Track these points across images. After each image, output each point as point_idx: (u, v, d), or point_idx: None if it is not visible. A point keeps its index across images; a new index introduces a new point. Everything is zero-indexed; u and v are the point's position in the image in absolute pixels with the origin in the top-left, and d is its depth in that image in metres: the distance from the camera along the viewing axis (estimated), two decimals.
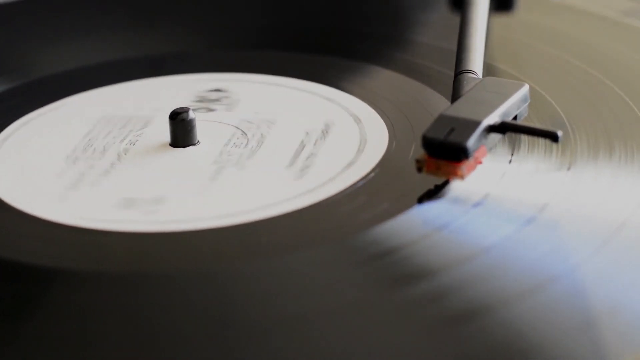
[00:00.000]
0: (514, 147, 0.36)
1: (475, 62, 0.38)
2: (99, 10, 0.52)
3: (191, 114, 0.38)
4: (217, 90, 0.43)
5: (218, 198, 0.34)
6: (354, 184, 0.35)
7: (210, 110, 0.41)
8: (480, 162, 0.33)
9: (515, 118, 0.35)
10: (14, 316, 0.29)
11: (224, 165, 0.37)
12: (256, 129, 0.39)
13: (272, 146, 0.38)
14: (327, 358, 0.27)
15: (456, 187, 0.34)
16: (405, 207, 0.33)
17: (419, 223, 0.32)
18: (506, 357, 0.27)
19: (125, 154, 0.38)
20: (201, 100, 0.42)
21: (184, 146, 0.38)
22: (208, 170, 0.36)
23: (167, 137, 0.38)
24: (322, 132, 0.39)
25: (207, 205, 0.34)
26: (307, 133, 0.39)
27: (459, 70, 0.38)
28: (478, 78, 0.37)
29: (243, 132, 0.39)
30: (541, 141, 0.36)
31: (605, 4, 0.48)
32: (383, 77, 0.43)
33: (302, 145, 0.38)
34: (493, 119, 0.34)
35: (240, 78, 0.44)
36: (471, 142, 0.33)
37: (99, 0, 0.53)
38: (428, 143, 0.33)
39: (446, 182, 0.34)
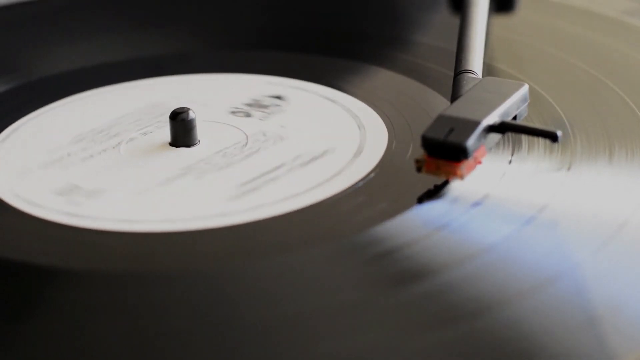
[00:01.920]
0: (513, 147, 0.36)
1: (475, 62, 0.38)
2: (98, 11, 0.52)
3: (191, 114, 0.38)
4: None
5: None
6: (354, 184, 0.35)
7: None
8: (480, 162, 0.33)
9: (515, 118, 0.35)
10: (12, 315, 0.29)
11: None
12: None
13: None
14: (326, 358, 0.27)
15: (456, 187, 0.34)
16: (405, 207, 0.33)
17: (419, 223, 0.32)
18: (506, 356, 0.27)
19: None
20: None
21: (184, 146, 0.38)
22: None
23: (167, 137, 0.38)
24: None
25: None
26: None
27: (459, 70, 0.38)
28: (477, 78, 0.37)
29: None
30: (541, 141, 0.36)
31: (605, 4, 0.48)
32: (383, 78, 0.43)
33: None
34: (492, 119, 0.34)
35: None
36: (471, 142, 0.33)
37: (99, 1, 0.53)
38: (427, 143, 0.33)
39: (446, 182, 0.34)
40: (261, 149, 0.38)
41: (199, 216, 0.33)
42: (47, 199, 0.35)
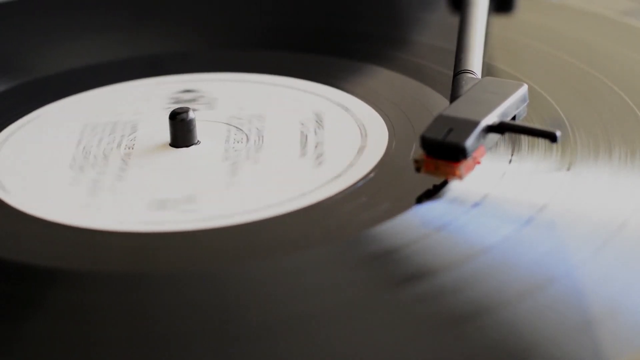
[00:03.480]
0: (513, 147, 0.36)
1: (474, 62, 0.38)
2: (97, 10, 0.52)
3: (191, 114, 0.38)
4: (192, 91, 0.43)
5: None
6: (354, 184, 0.35)
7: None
8: (479, 162, 0.33)
9: (514, 118, 0.35)
10: (13, 316, 0.29)
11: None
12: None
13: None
14: (326, 358, 0.27)
15: (456, 187, 0.34)
16: (404, 207, 0.33)
17: (418, 223, 0.32)
18: (505, 357, 0.27)
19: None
20: (177, 101, 0.42)
21: (185, 146, 0.38)
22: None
23: (164, 137, 0.38)
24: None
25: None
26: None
27: (458, 70, 0.38)
28: (477, 78, 0.37)
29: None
30: (541, 141, 0.36)
31: (604, 4, 0.48)
32: (383, 77, 0.43)
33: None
34: (492, 119, 0.34)
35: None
36: (469, 143, 0.33)
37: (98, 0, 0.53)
38: (426, 143, 0.33)
39: (445, 182, 0.34)
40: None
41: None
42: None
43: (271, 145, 0.38)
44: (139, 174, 0.36)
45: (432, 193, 0.34)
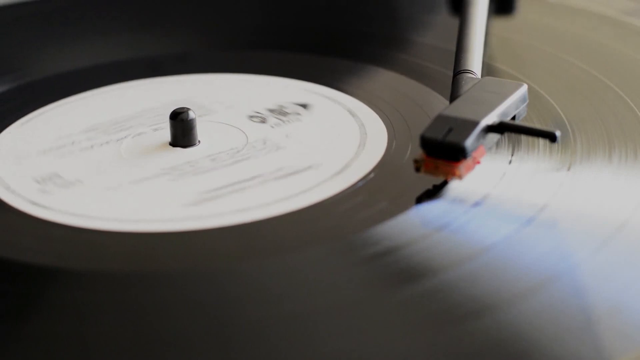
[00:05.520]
0: (514, 147, 0.36)
1: (474, 62, 0.38)
2: (98, 11, 0.52)
3: (191, 114, 0.38)
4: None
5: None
6: (354, 184, 0.35)
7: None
8: (479, 162, 0.33)
9: (514, 118, 0.35)
10: (13, 316, 0.29)
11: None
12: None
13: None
14: (326, 357, 0.27)
15: (456, 187, 0.34)
16: (404, 207, 0.33)
17: (418, 223, 0.32)
18: (505, 356, 0.27)
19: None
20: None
21: (185, 146, 0.38)
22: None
23: (166, 137, 0.38)
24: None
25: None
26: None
27: (458, 70, 0.38)
28: (477, 78, 0.37)
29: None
30: (541, 141, 0.36)
31: (605, 4, 0.48)
32: (382, 77, 0.43)
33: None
34: (491, 119, 0.34)
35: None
36: (469, 142, 0.33)
37: (99, 1, 0.53)
38: (426, 143, 0.33)
39: (445, 182, 0.34)
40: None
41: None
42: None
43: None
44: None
45: (432, 193, 0.34)
